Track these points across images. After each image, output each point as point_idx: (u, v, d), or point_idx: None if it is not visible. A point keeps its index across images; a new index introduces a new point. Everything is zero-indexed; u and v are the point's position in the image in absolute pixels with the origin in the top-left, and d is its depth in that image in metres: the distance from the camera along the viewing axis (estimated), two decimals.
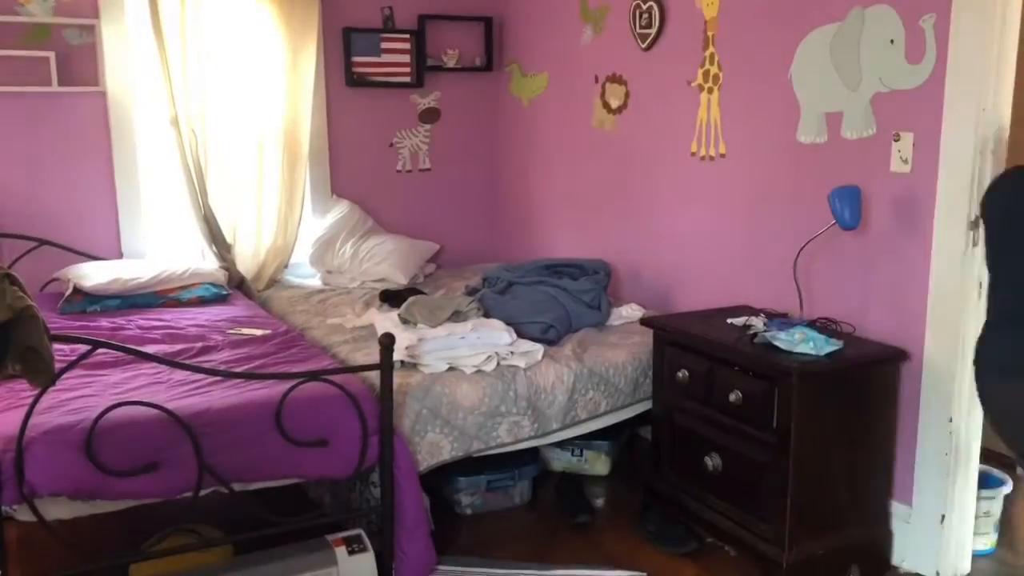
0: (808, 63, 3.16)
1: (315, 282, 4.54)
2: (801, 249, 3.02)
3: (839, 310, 3.13)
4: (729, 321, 3.11)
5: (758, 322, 3.02)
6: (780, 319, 3.08)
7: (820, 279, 3.20)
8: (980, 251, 2.72)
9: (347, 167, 4.76)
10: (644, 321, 3.36)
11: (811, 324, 2.99)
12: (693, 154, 3.72)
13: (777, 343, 2.84)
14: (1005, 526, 3.15)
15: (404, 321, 3.36)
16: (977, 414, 2.85)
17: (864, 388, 2.85)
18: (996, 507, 3.04)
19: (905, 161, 2.87)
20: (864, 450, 2.87)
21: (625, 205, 4.16)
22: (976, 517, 2.96)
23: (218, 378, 2.80)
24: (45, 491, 2.34)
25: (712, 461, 2.98)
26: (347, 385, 2.70)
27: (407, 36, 4.73)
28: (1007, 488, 3.07)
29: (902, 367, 2.89)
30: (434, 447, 2.97)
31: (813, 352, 2.78)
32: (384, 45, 4.69)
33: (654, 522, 3.17)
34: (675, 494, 3.19)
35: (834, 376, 2.78)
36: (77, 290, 3.79)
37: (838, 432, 2.80)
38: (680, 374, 3.09)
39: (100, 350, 2.54)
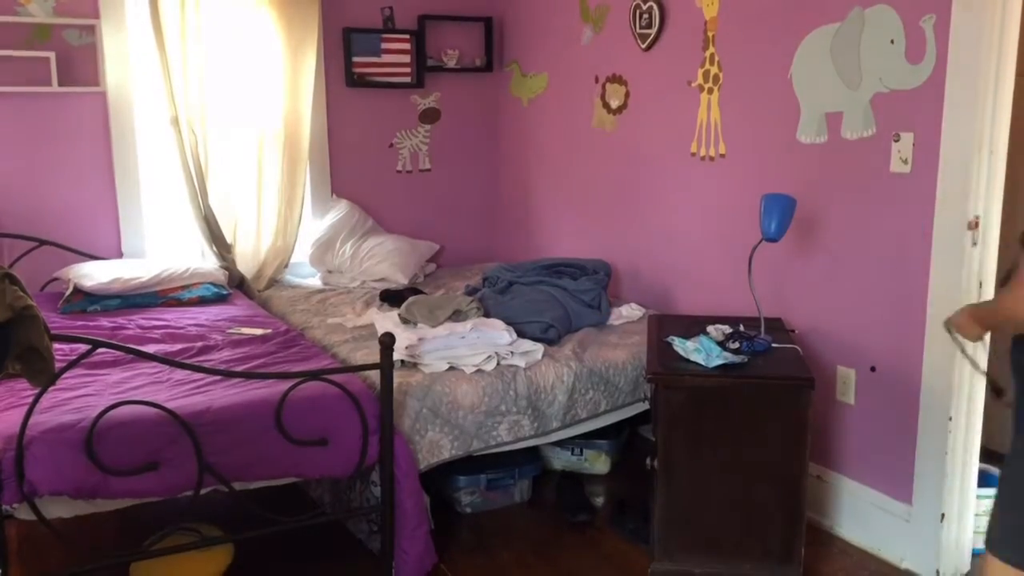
0: (808, 63, 3.16)
1: (315, 282, 4.54)
2: (753, 250, 3.02)
3: (833, 312, 3.14)
4: (709, 328, 3.08)
5: (720, 330, 3.01)
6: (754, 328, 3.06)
7: (815, 280, 3.20)
8: (979, 251, 2.73)
9: (347, 167, 4.76)
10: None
11: (734, 333, 2.95)
12: (693, 154, 3.72)
13: (675, 348, 2.84)
14: None
15: (404, 321, 3.36)
16: (978, 412, 2.85)
17: (754, 410, 2.71)
18: None
19: (905, 161, 2.87)
20: (759, 478, 2.72)
21: (625, 205, 4.16)
22: (976, 516, 2.96)
23: (218, 377, 2.80)
24: (45, 490, 2.34)
25: (648, 461, 2.93)
26: (347, 384, 2.70)
27: (407, 36, 4.73)
28: None
29: (811, 394, 2.68)
30: (434, 446, 2.97)
31: (703, 363, 2.76)
32: (384, 45, 4.70)
33: (632, 520, 3.18)
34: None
35: (706, 392, 2.70)
36: (77, 290, 3.79)
37: (719, 452, 2.72)
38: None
39: (100, 349, 2.54)
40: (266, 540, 2.77)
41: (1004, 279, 2.11)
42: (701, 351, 2.80)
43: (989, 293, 2.78)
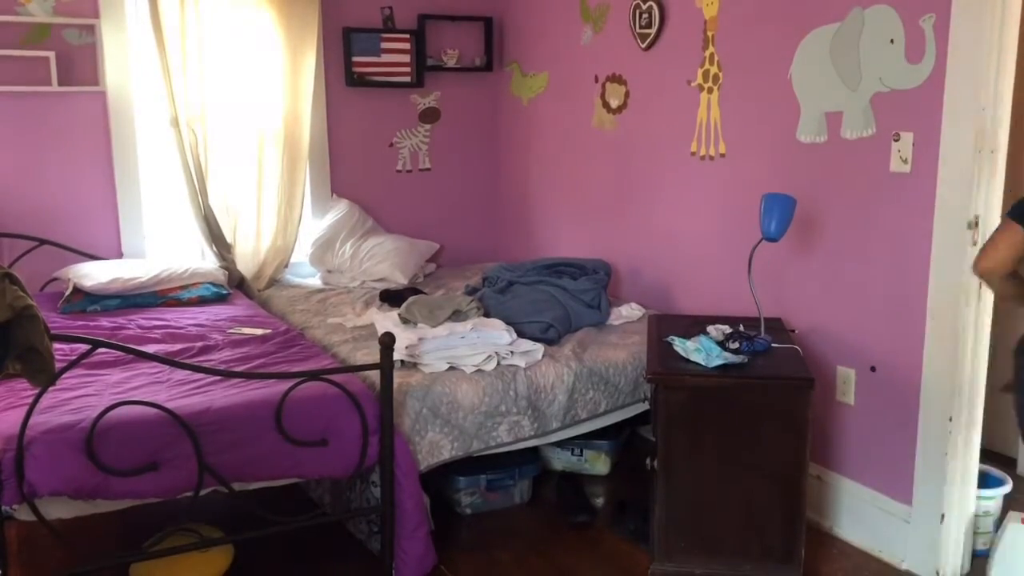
0: (808, 63, 3.16)
1: (315, 282, 4.54)
2: (753, 250, 3.01)
3: (833, 312, 3.13)
4: (709, 328, 3.08)
5: (720, 330, 3.01)
6: (755, 328, 3.06)
7: (815, 280, 3.20)
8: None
9: (347, 167, 4.76)
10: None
11: (734, 333, 2.95)
12: (693, 154, 3.72)
13: (676, 348, 2.84)
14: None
15: (404, 321, 3.36)
16: (978, 413, 2.85)
17: (754, 409, 2.71)
18: (996, 507, 3.04)
19: (905, 161, 2.87)
20: (759, 479, 2.72)
21: (625, 205, 4.16)
22: (976, 517, 2.96)
23: (218, 378, 2.80)
24: (45, 491, 2.34)
25: (648, 461, 2.93)
26: (347, 385, 2.70)
27: (407, 36, 4.73)
28: (1007, 488, 3.07)
29: (811, 394, 2.68)
30: (434, 447, 2.97)
31: (703, 363, 2.76)
32: (384, 45, 4.69)
33: (633, 520, 3.18)
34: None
35: (706, 392, 2.70)
36: (77, 290, 3.79)
37: (718, 452, 2.72)
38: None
39: (100, 349, 2.54)
40: (266, 541, 2.77)
41: None
42: (701, 351, 2.80)
43: (989, 293, 2.78)
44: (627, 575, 2.96)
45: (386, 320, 3.40)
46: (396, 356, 2.80)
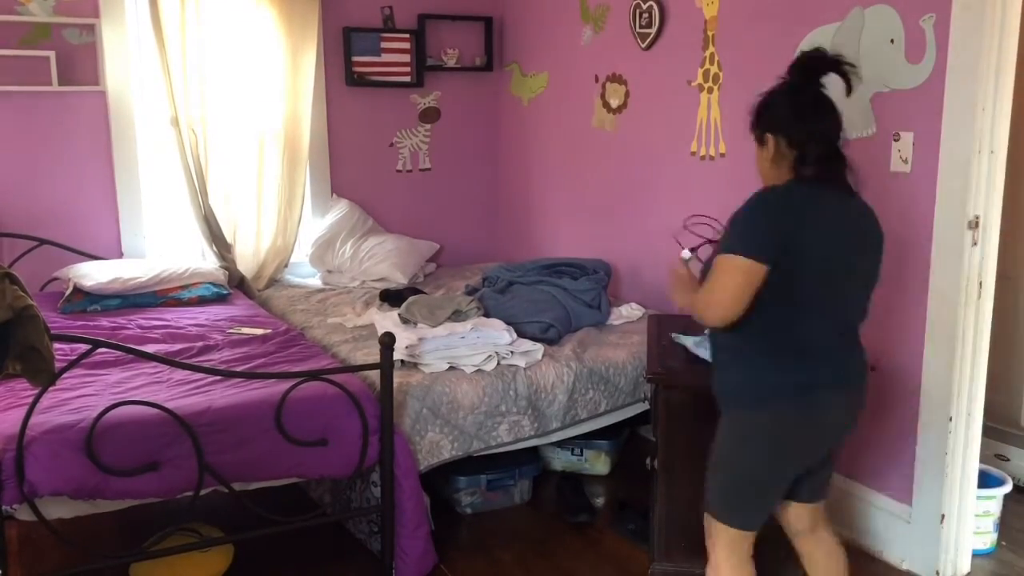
0: None
1: (315, 282, 4.54)
2: None
3: None
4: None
5: None
6: None
7: None
8: (979, 251, 2.72)
9: (347, 167, 4.76)
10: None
11: None
12: (693, 154, 3.72)
13: (681, 343, 2.83)
14: (1004, 526, 3.15)
15: (404, 320, 3.36)
16: (978, 413, 2.85)
17: None
18: (996, 507, 3.04)
19: (905, 161, 2.87)
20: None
21: (625, 205, 4.16)
22: (976, 516, 2.96)
23: (218, 377, 2.80)
24: (45, 490, 2.34)
25: (648, 461, 2.91)
26: (347, 384, 2.70)
27: (407, 36, 4.73)
28: (1007, 488, 3.07)
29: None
30: (434, 446, 2.97)
31: (708, 358, 2.74)
32: (384, 45, 4.69)
33: (633, 520, 3.18)
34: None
35: (706, 391, 2.59)
36: (77, 289, 3.79)
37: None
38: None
39: (100, 349, 2.54)
40: (266, 541, 2.77)
41: (704, 272, 2.24)
42: (703, 345, 2.79)
43: (989, 293, 2.78)
44: (627, 575, 2.96)
45: (386, 320, 3.40)
46: (396, 356, 2.80)
